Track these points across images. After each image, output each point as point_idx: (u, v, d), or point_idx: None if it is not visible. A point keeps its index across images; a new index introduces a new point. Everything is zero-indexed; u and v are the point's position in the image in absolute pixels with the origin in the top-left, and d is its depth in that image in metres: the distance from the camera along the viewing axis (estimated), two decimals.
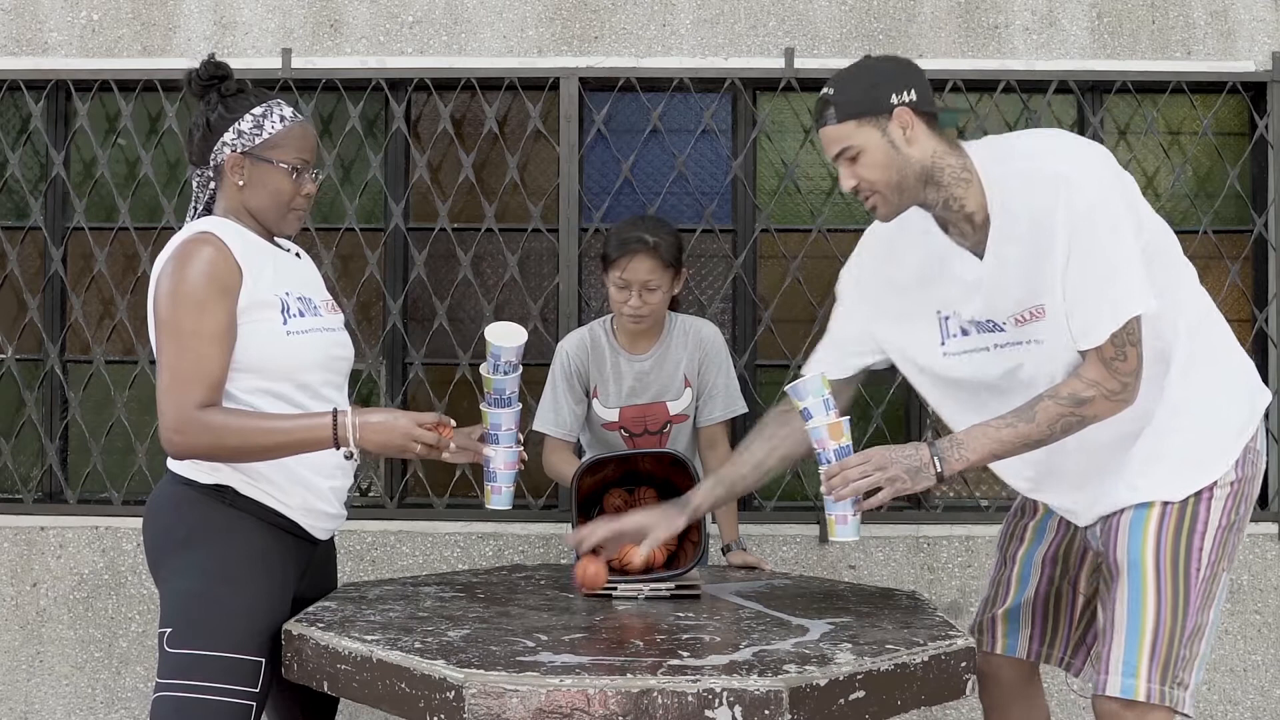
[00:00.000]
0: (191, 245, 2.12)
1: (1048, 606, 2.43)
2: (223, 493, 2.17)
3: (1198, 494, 2.14)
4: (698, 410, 2.96)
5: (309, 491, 2.22)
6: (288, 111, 2.25)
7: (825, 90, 2.13)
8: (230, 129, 2.22)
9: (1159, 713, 2.09)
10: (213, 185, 2.29)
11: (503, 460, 2.40)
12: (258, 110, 2.23)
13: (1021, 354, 2.18)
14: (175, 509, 2.18)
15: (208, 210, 2.31)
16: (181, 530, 2.17)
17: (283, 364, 2.18)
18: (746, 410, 3.05)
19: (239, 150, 2.21)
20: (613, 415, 2.92)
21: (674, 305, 2.99)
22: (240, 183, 2.22)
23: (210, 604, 2.10)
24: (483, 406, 2.41)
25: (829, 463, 2.16)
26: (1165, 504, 2.15)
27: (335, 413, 2.09)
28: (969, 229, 2.16)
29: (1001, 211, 2.10)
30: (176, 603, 2.13)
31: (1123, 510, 2.18)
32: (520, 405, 2.40)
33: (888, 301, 2.32)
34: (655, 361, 2.91)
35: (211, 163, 2.25)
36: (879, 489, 2.11)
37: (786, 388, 2.22)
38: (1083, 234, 2.02)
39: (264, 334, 2.15)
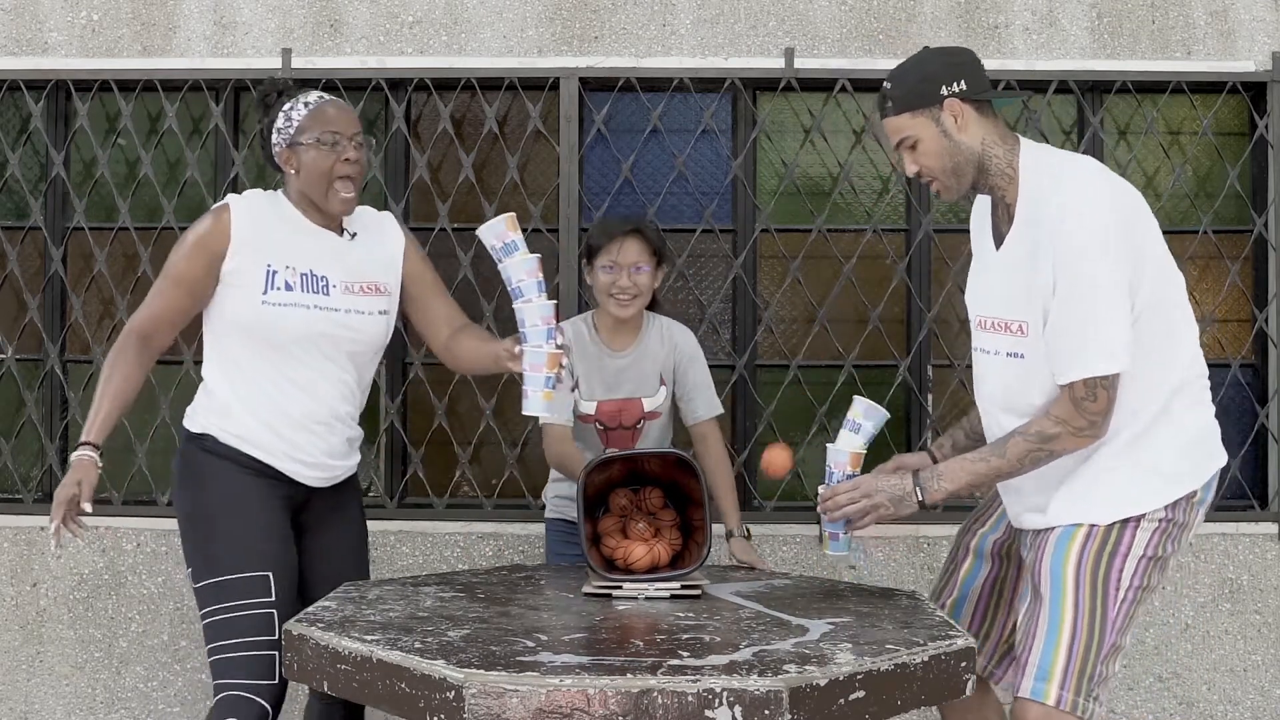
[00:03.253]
0: (208, 213, 2.47)
1: (985, 611, 2.53)
2: (204, 440, 2.49)
3: (1124, 521, 2.23)
4: (684, 410, 3.04)
5: (280, 440, 2.48)
6: (312, 96, 2.48)
7: (885, 84, 2.29)
8: (274, 131, 2.49)
9: None
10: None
11: (528, 361, 2.33)
12: (287, 105, 2.48)
13: (1003, 366, 2.29)
14: (177, 457, 2.55)
15: None
16: (179, 476, 2.52)
17: (258, 330, 2.44)
18: (723, 412, 3.09)
19: (283, 145, 2.47)
20: (589, 408, 2.97)
21: (655, 305, 3.06)
22: (293, 172, 2.48)
23: (205, 538, 2.44)
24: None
25: (830, 485, 2.40)
26: (1092, 526, 2.23)
27: (88, 445, 2.41)
28: (1006, 217, 2.28)
29: (1025, 216, 2.21)
30: (183, 543, 2.48)
31: (1053, 528, 2.27)
32: (542, 298, 2.32)
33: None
34: (634, 359, 2.98)
35: (278, 166, 2.52)
36: (866, 514, 2.34)
37: (861, 401, 2.42)
38: (1067, 278, 2.12)
39: (241, 299, 2.43)
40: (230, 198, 2.47)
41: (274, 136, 2.49)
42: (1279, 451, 3.71)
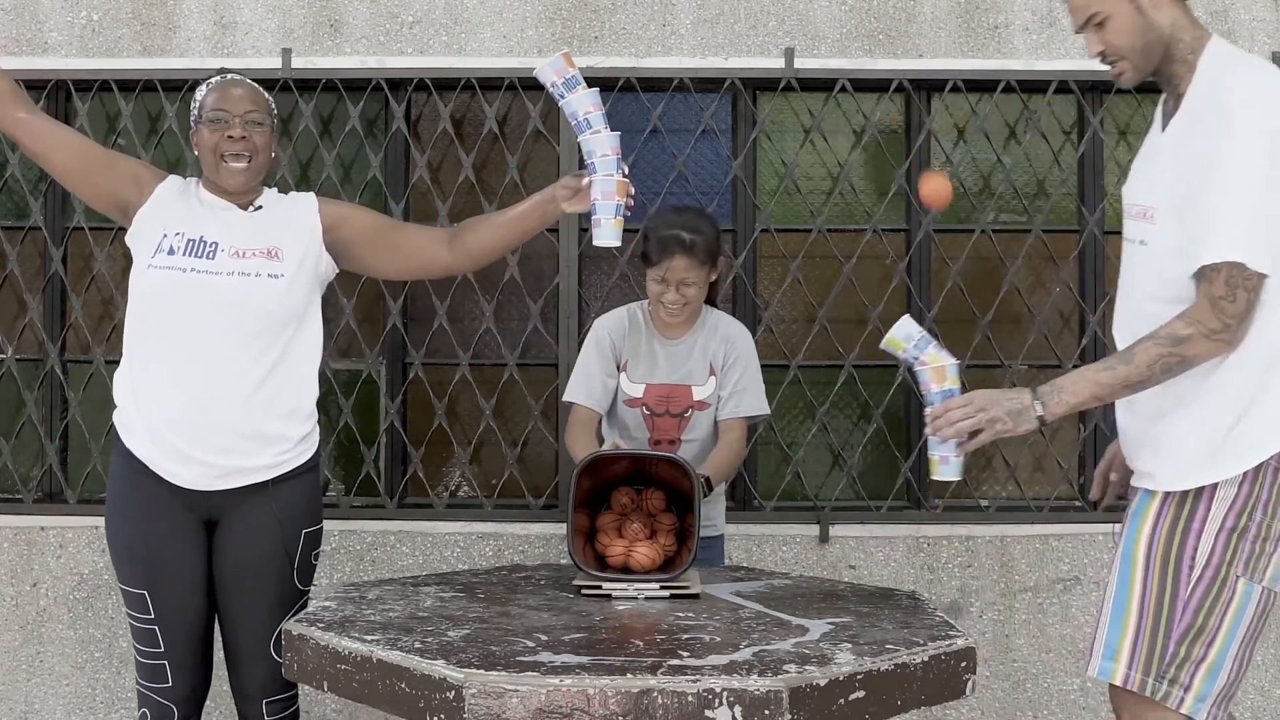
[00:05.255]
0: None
1: None
2: (116, 437, 2.49)
3: (1200, 490, 2.13)
4: (720, 404, 2.96)
5: (150, 430, 2.41)
6: (215, 80, 2.52)
7: None
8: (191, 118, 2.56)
9: (1154, 710, 2.09)
10: None
11: (600, 189, 2.34)
12: (200, 89, 2.54)
13: (1132, 252, 2.20)
14: None
15: None
16: None
17: (143, 299, 2.44)
18: (769, 413, 3.04)
19: (193, 127, 2.53)
20: (638, 391, 2.93)
21: (712, 298, 3.05)
22: (197, 153, 2.51)
23: (109, 542, 2.50)
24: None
25: (933, 404, 2.23)
26: (1166, 495, 2.15)
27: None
28: (1174, 107, 2.20)
29: (1192, 103, 2.14)
30: None
31: (1135, 492, 2.22)
32: (607, 129, 2.35)
33: None
34: (686, 347, 2.96)
35: None
36: (980, 431, 2.16)
37: (895, 331, 2.28)
38: (1218, 161, 2.03)
39: (136, 267, 2.46)
40: (170, 175, 2.57)
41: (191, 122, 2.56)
42: None
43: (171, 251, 2.42)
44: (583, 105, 2.32)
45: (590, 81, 3.78)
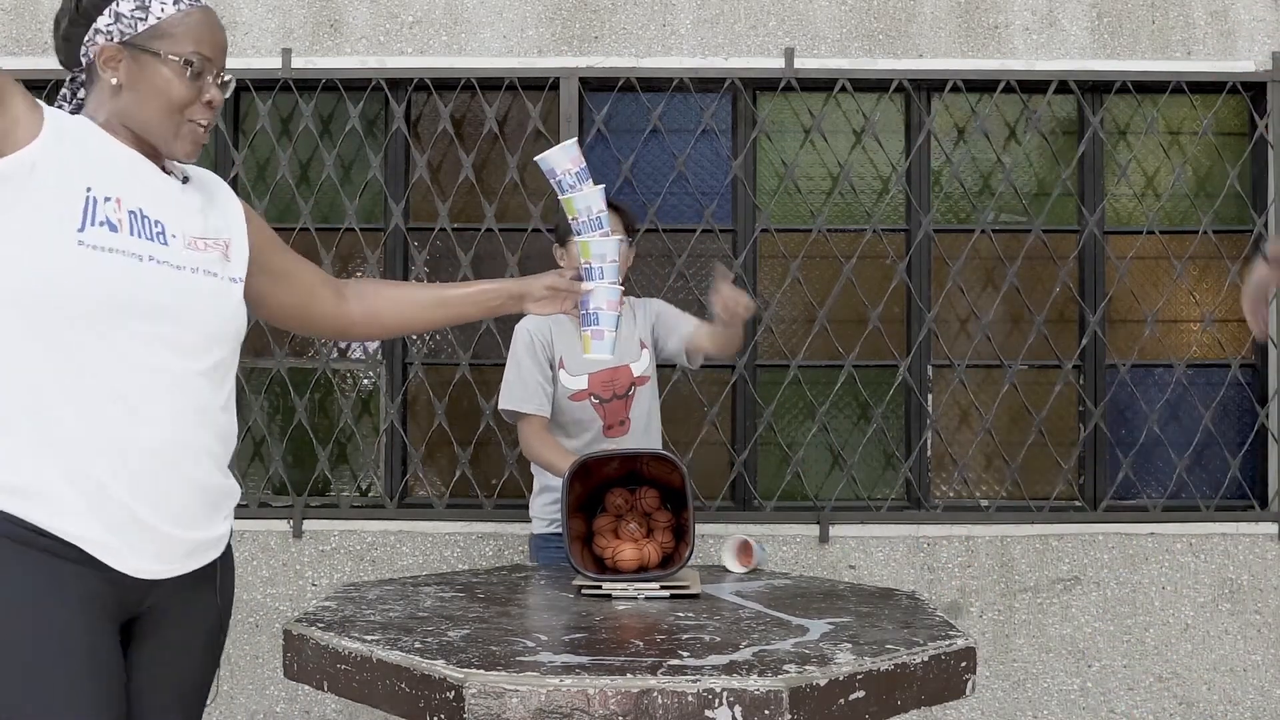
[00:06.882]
0: None
1: None
2: None
3: None
4: (675, 345, 3.00)
5: (84, 496, 1.54)
6: None
7: None
8: (106, 11, 1.65)
9: None
10: (81, 94, 1.72)
11: (605, 298, 2.07)
12: None
13: None
14: None
15: None
16: None
17: (59, 293, 1.51)
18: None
19: (116, 40, 1.64)
20: (581, 383, 2.94)
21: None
22: (115, 81, 1.64)
23: None
24: (575, 237, 2.10)
25: None
26: None
27: None
28: None
29: None
30: None
31: None
32: (608, 231, 2.10)
33: None
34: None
35: (82, 60, 1.69)
36: None
37: None
38: None
39: (37, 238, 1.51)
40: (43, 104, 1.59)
41: (103, 19, 1.64)
42: (1279, 451, 3.71)
43: (114, 227, 1.56)
44: (596, 202, 2.04)
45: (590, 81, 3.82)
